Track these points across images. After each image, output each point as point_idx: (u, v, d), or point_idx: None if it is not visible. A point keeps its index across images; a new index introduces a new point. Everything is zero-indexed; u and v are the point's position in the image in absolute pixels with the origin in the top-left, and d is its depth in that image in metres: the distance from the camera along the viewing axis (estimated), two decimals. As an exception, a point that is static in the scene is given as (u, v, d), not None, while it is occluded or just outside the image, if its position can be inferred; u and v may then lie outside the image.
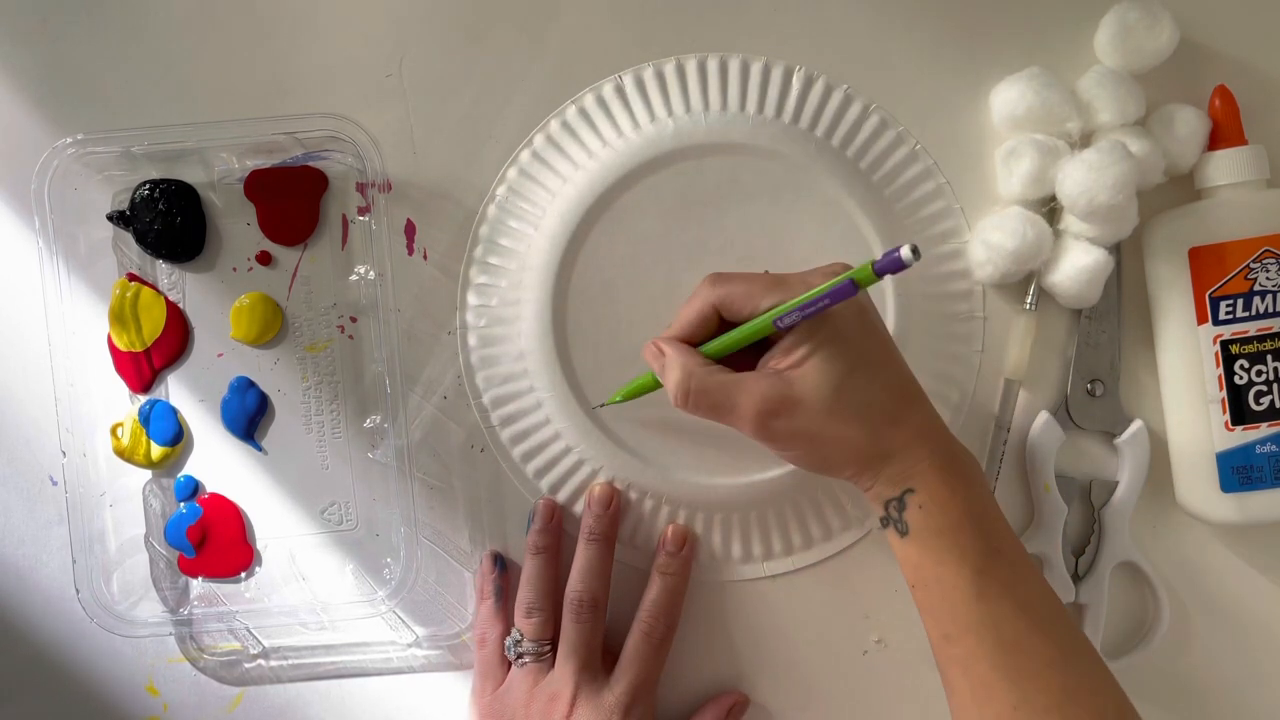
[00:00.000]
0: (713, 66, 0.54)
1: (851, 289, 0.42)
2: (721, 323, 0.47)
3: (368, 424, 0.55)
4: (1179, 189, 0.54)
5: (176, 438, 0.55)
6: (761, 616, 0.55)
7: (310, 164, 0.54)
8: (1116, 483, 0.54)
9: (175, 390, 0.55)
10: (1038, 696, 0.42)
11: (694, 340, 0.47)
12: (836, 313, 0.44)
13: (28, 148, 0.54)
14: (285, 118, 0.54)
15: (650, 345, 0.48)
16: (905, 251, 0.40)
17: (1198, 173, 0.53)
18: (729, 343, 0.46)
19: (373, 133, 0.52)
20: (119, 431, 0.55)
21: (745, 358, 0.46)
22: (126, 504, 0.55)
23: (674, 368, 0.46)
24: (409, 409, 0.55)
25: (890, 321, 0.52)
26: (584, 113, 0.55)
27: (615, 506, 0.53)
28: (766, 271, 0.46)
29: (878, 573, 0.55)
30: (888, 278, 0.51)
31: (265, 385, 0.55)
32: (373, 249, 0.54)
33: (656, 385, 0.49)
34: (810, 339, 0.44)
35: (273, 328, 0.55)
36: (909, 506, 0.44)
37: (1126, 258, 0.54)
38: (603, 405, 0.52)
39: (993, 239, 0.52)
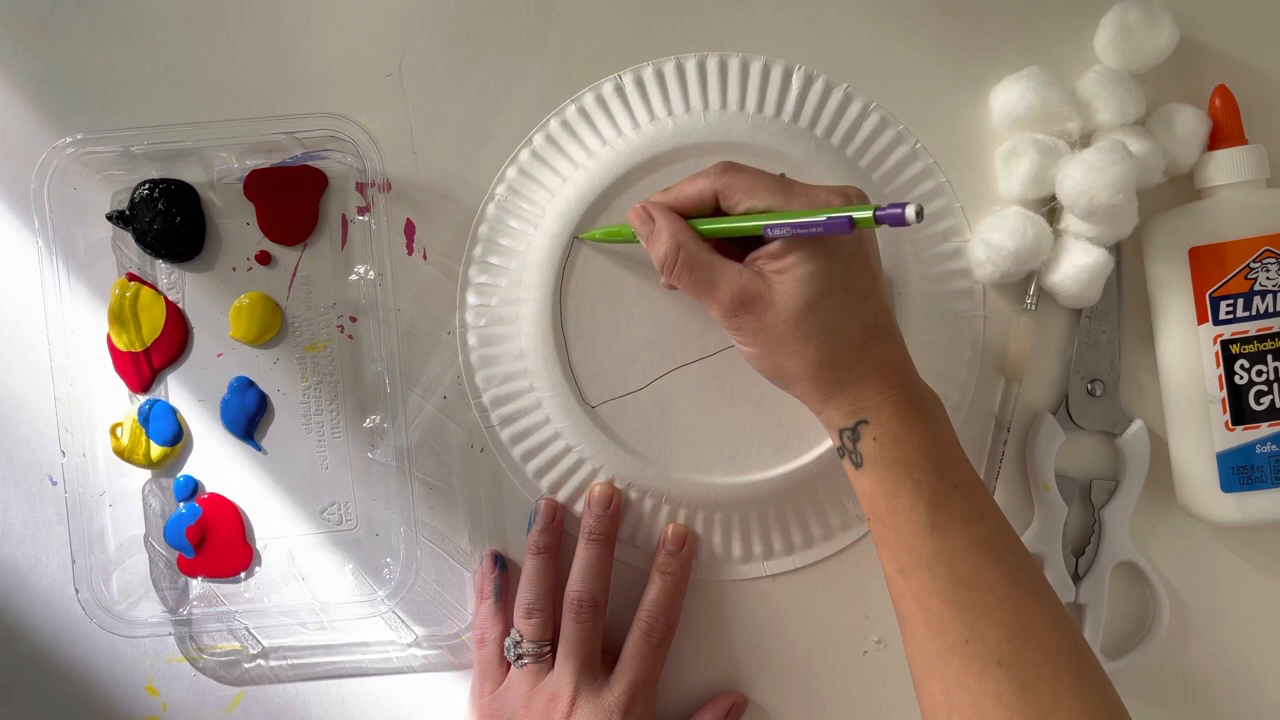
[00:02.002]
0: (712, 66, 0.54)
1: (848, 226, 0.42)
2: (716, 208, 0.46)
3: (367, 424, 0.55)
4: (1179, 189, 0.54)
5: (176, 438, 0.55)
6: (761, 616, 0.55)
7: (310, 164, 0.54)
8: (1116, 483, 0.54)
9: (175, 390, 0.55)
10: (990, 630, 0.41)
11: (683, 215, 0.47)
12: (832, 237, 0.44)
13: (27, 147, 0.54)
14: (285, 117, 0.54)
15: (639, 208, 0.48)
16: (910, 210, 0.40)
17: (1198, 172, 0.53)
18: (719, 228, 0.46)
19: (373, 132, 0.52)
20: (118, 431, 0.55)
21: (728, 248, 0.46)
22: (126, 504, 0.55)
23: (665, 235, 0.46)
24: (409, 409, 0.55)
25: (890, 321, 0.52)
26: (584, 112, 0.55)
27: (615, 506, 0.53)
28: (782, 174, 0.46)
29: (878, 573, 0.55)
30: (892, 275, 0.51)
31: (265, 385, 0.55)
32: (372, 249, 0.54)
33: (632, 240, 0.49)
34: (800, 249, 0.44)
35: (272, 327, 0.55)
36: (863, 438, 0.44)
37: (1126, 258, 0.54)
38: (580, 238, 0.52)
39: (993, 239, 0.52)
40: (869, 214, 0.42)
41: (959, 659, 0.41)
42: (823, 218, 0.42)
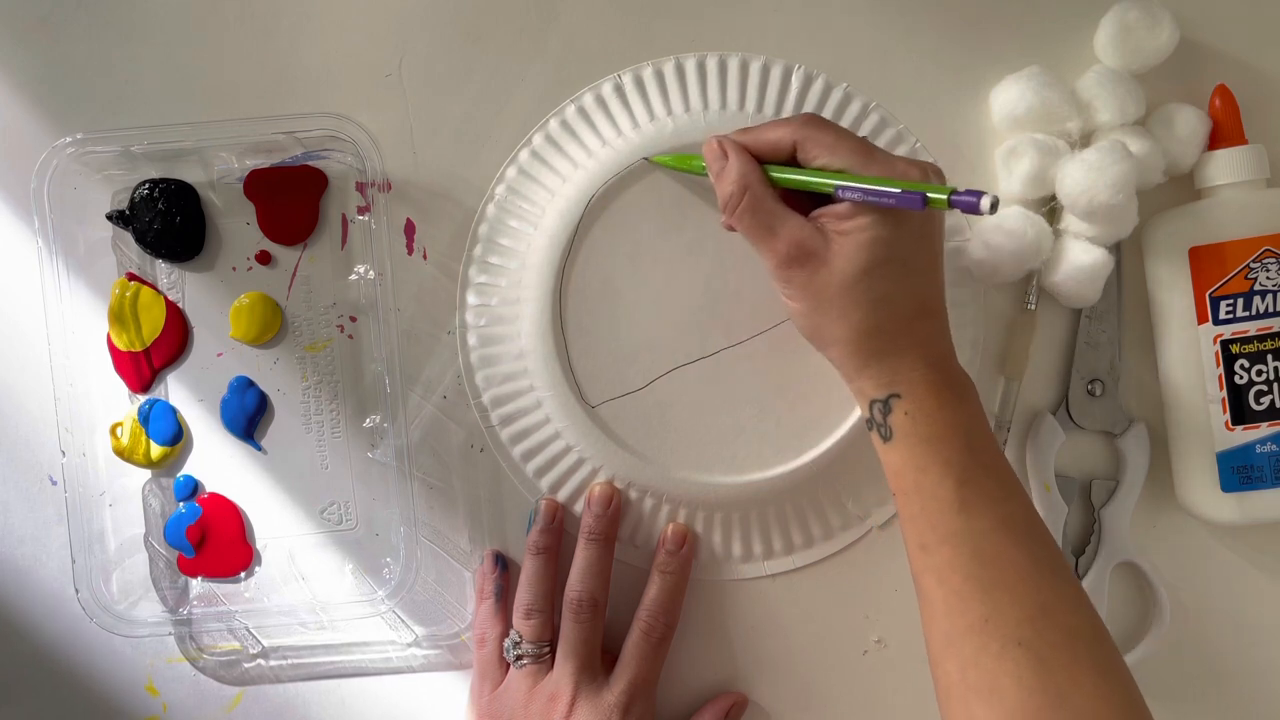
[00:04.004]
0: (712, 65, 0.54)
1: (920, 203, 0.42)
2: (792, 158, 0.46)
3: (367, 424, 0.55)
4: (1179, 189, 0.54)
5: (176, 437, 0.55)
6: (761, 616, 0.55)
7: (310, 163, 0.54)
8: (1116, 483, 0.54)
9: (175, 390, 0.55)
10: (1010, 610, 0.41)
11: (758, 157, 0.46)
12: (902, 211, 0.43)
13: (27, 147, 0.54)
14: (285, 117, 0.54)
15: (714, 142, 0.47)
16: (986, 201, 0.40)
17: (1198, 172, 0.53)
18: (791, 179, 0.45)
19: (372, 132, 0.52)
20: (118, 431, 0.55)
21: (794, 201, 0.46)
22: (126, 504, 0.55)
23: (735, 174, 0.46)
24: (409, 409, 0.55)
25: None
26: (583, 112, 0.55)
27: (615, 506, 0.53)
28: (864, 138, 0.46)
29: (878, 573, 0.55)
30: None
31: (265, 385, 0.55)
32: (372, 248, 0.54)
33: (701, 172, 0.49)
34: (868, 215, 0.43)
35: (272, 327, 0.55)
36: (894, 411, 0.44)
37: (1126, 258, 0.54)
38: (650, 160, 0.52)
39: (993, 239, 0.52)
40: (944, 196, 0.41)
41: (978, 638, 0.41)
42: (897, 190, 0.42)
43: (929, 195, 0.42)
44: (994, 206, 0.40)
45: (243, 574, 0.55)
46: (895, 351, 0.44)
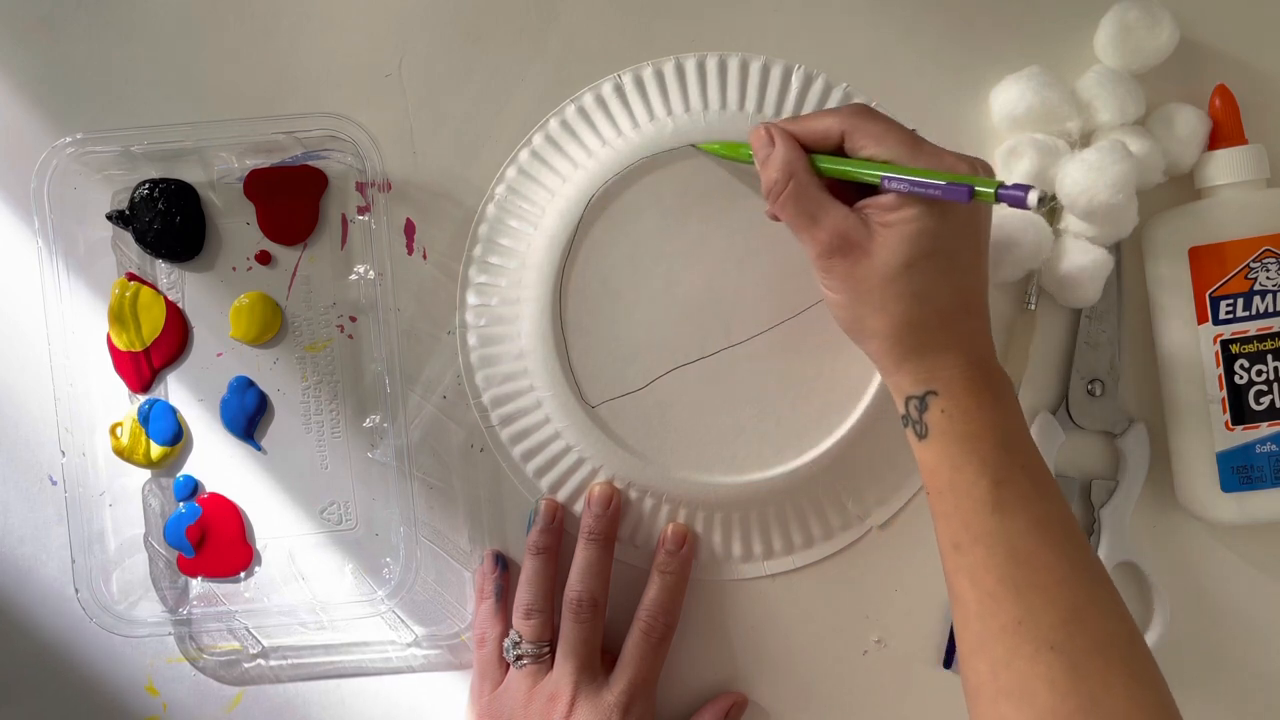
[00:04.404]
0: (712, 66, 0.54)
1: (966, 196, 0.41)
2: (839, 148, 0.46)
3: (367, 424, 0.55)
4: (1179, 189, 0.54)
5: (176, 437, 0.55)
6: (761, 616, 0.55)
7: (310, 163, 0.54)
8: (1116, 483, 0.54)
9: (175, 390, 0.55)
10: (1044, 612, 0.41)
11: (805, 145, 0.46)
12: (949, 204, 0.43)
13: (27, 147, 0.54)
14: (285, 117, 0.54)
15: (762, 129, 0.47)
16: (1033, 196, 0.40)
17: (1198, 172, 0.53)
18: (837, 168, 0.45)
19: (372, 132, 0.52)
20: (118, 431, 0.55)
21: (840, 192, 0.45)
22: (126, 504, 0.55)
23: (781, 160, 0.45)
24: (409, 409, 0.55)
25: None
26: (583, 112, 0.55)
27: (615, 506, 0.53)
28: (914, 130, 0.45)
29: (878, 573, 0.55)
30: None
31: (265, 385, 0.55)
32: (372, 248, 0.54)
33: (748, 160, 0.49)
34: (914, 207, 0.43)
35: (272, 327, 0.55)
36: (930, 408, 0.44)
37: (1126, 258, 0.54)
38: (697, 146, 0.52)
39: (993, 239, 0.52)
40: (991, 189, 0.41)
41: (1011, 640, 0.41)
42: (944, 181, 0.42)
43: (976, 188, 0.41)
44: (1042, 202, 0.40)
45: (243, 574, 0.55)
46: (934, 348, 0.44)
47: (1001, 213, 0.53)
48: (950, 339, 0.44)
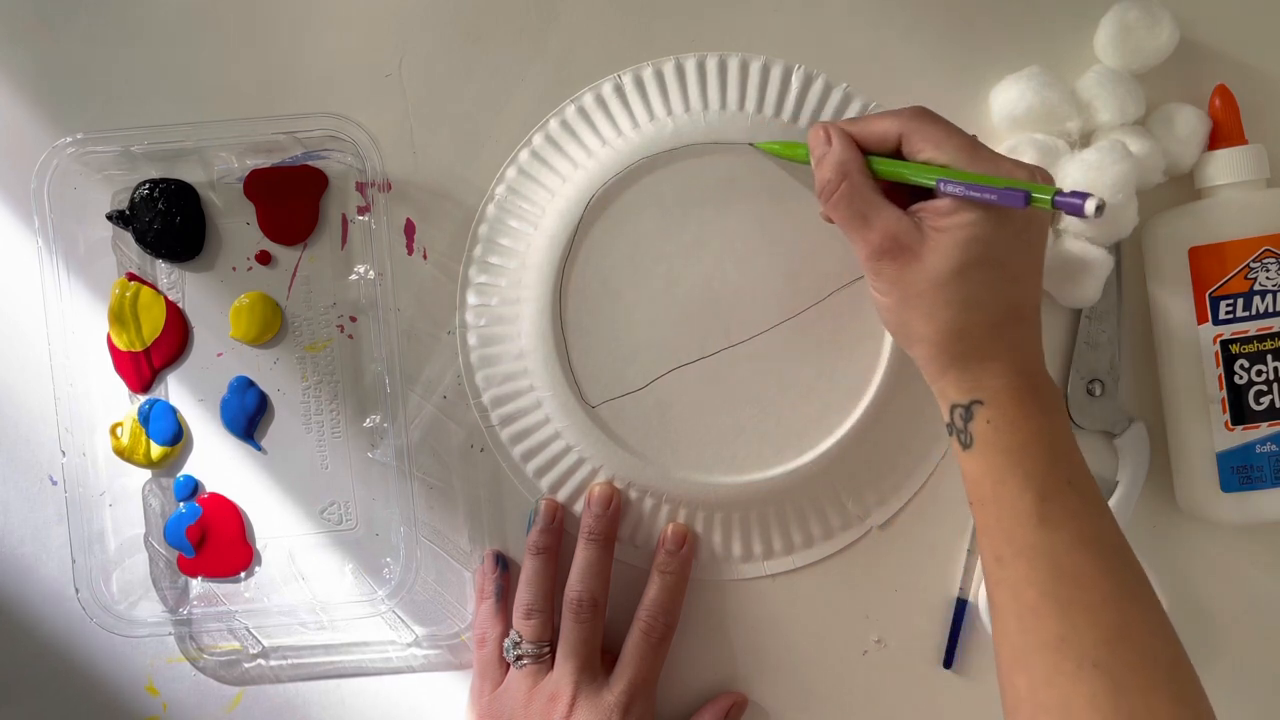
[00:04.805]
0: (712, 66, 0.54)
1: (1021, 202, 0.41)
2: (897, 150, 0.45)
3: (367, 424, 0.55)
4: (1179, 189, 0.54)
5: (176, 437, 0.55)
6: (761, 616, 0.55)
7: (310, 163, 0.54)
8: (1116, 483, 0.54)
9: (175, 390, 0.55)
10: (1088, 630, 0.40)
11: (862, 146, 0.46)
12: (1007, 210, 0.42)
13: (28, 147, 0.54)
14: (285, 117, 0.54)
15: (820, 128, 0.46)
16: (1091, 204, 0.39)
17: (1198, 172, 0.53)
18: (892, 170, 0.45)
19: (372, 132, 0.52)
20: (118, 431, 0.55)
21: (895, 195, 0.45)
22: (126, 504, 0.55)
23: (836, 160, 0.45)
24: (409, 409, 0.55)
25: (890, 321, 0.52)
26: (583, 112, 0.55)
27: (615, 506, 0.53)
28: (974, 136, 0.45)
29: (878, 573, 0.55)
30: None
31: (265, 385, 0.55)
32: (372, 248, 0.54)
33: (804, 160, 0.48)
34: (969, 212, 0.42)
35: (272, 327, 0.55)
36: (976, 418, 0.43)
37: (1126, 258, 0.54)
38: (755, 145, 0.52)
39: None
40: (1048, 196, 0.41)
41: (1052, 656, 0.40)
42: (1000, 185, 0.41)
43: (1032, 194, 0.41)
44: (1099, 210, 0.39)
45: (243, 574, 0.55)
46: (981, 356, 0.43)
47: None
48: (998, 348, 0.43)
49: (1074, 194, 0.40)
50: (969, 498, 0.45)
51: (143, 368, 0.55)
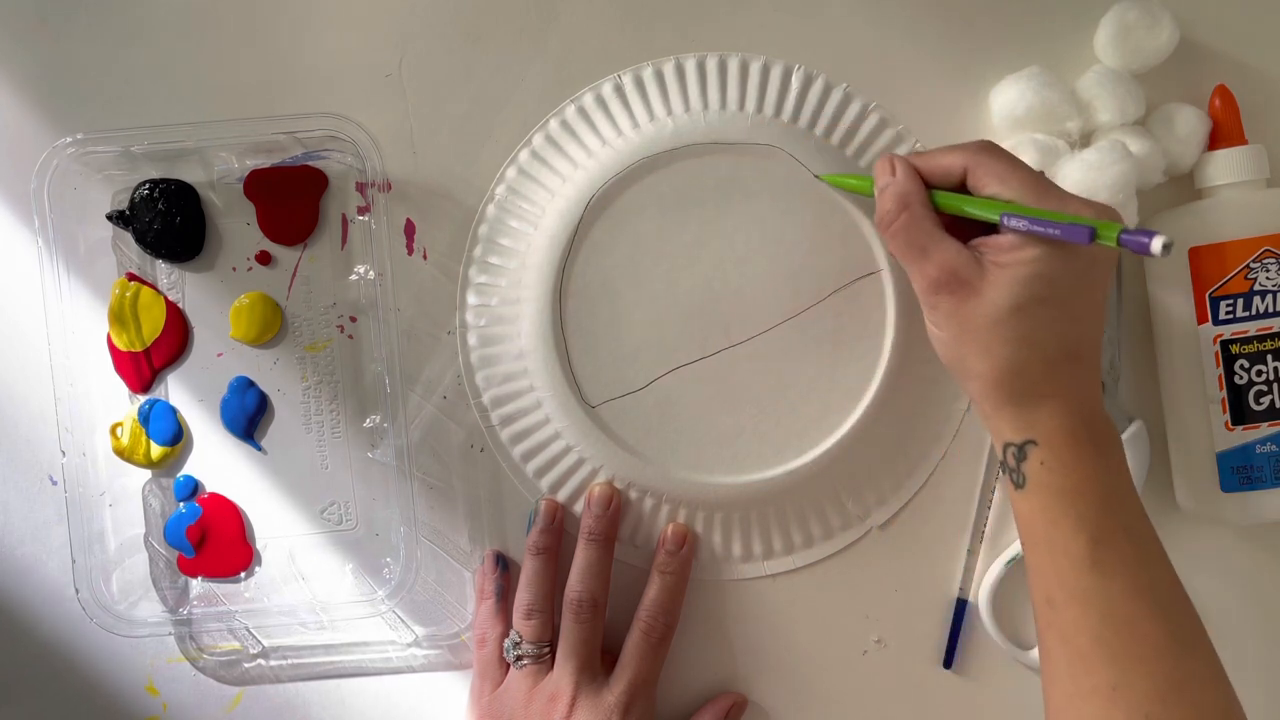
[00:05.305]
0: (712, 66, 0.54)
1: (1086, 238, 0.40)
2: (962, 184, 0.45)
3: (367, 424, 0.55)
4: (1179, 189, 0.54)
5: (176, 437, 0.55)
6: (761, 616, 0.55)
7: (310, 164, 0.54)
8: (1116, 483, 0.54)
9: (175, 390, 0.55)
10: (1141, 681, 0.40)
11: (926, 179, 0.45)
12: (1069, 248, 0.41)
13: (28, 147, 0.54)
14: (285, 117, 0.54)
15: (887, 159, 0.46)
16: (1157, 243, 0.39)
17: (1198, 172, 0.53)
18: (956, 204, 0.44)
19: (372, 132, 0.52)
20: (118, 431, 0.55)
21: (957, 230, 0.44)
22: (126, 504, 0.55)
23: (897, 192, 0.45)
24: (409, 409, 0.55)
25: (890, 321, 0.52)
26: (583, 112, 0.55)
27: (615, 506, 0.53)
28: (1041, 173, 0.44)
29: (878, 573, 0.55)
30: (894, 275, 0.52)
31: (265, 385, 0.55)
32: (372, 249, 0.54)
33: (868, 193, 0.48)
34: (1032, 249, 0.41)
35: (272, 327, 0.55)
36: (1029, 458, 0.43)
37: (1126, 258, 0.54)
38: (820, 177, 0.51)
39: (993, 239, 0.52)
40: (1113, 233, 0.40)
41: (1103, 704, 0.40)
42: (1065, 220, 0.41)
43: (1098, 231, 0.40)
44: (1167, 249, 0.38)
45: (243, 574, 0.55)
46: (1036, 396, 0.43)
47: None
48: (1054, 388, 0.43)
49: (1140, 231, 0.39)
50: (1020, 537, 0.44)
51: (143, 368, 0.55)
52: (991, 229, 0.44)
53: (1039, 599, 0.43)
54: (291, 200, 0.54)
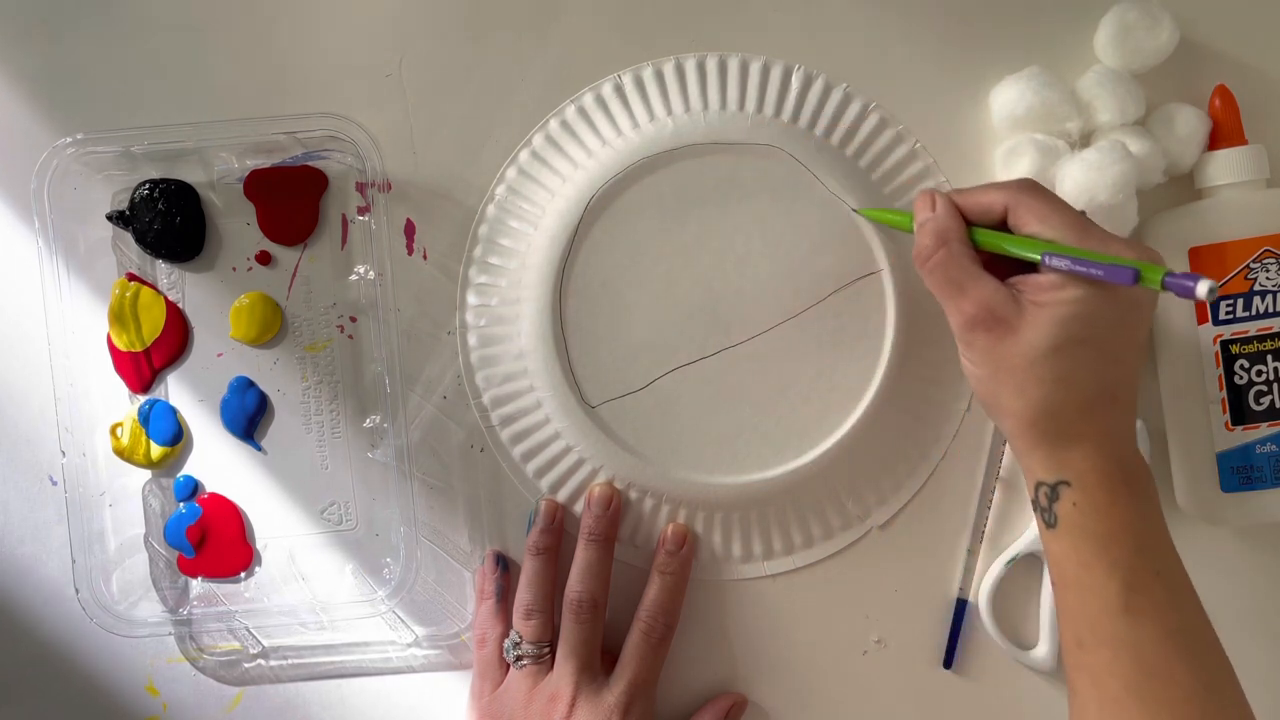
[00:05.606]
0: (712, 66, 0.54)
1: (1130, 279, 0.40)
2: (1002, 222, 0.45)
3: (367, 424, 0.55)
4: (1179, 189, 0.54)
5: (176, 437, 0.55)
6: (761, 616, 0.55)
7: (310, 164, 0.54)
8: (1116, 483, 0.54)
9: (175, 390, 0.55)
10: None
11: (966, 216, 0.45)
12: (1110, 290, 0.41)
13: (28, 148, 0.54)
14: (285, 117, 0.54)
15: (927, 194, 0.46)
16: (1203, 288, 0.38)
17: (1198, 172, 0.53)
18: (997, 242, 0.44)
19: (372, 133, 0.52)
20: (119, 431, 0.55)
21: (995, 268, 0.44)
22: (126, 504, 0.55)
23: (936, 227, 0.44)
24: (409, 409, 0.55)
25: (890, 321, 0.52)
26: (583, 112, 0.55)
27: (615, 507, 0.53)
28: (1084, 212, 0.44)
29: (878, 573, 0.55)
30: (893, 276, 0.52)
31: (265, 385, 0.55)
32: (372, 249, 0.54)
33: (908, 228, 0.48)
34: (1073, 289, 0.41)
35: (272, 327, 0.55)
36: (1061, 499, 0.42)
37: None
38: (858, 211, 0.51)
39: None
40: (1158, 275, 0.40)
41: None
42: (1107, 261, 0.40)
43: (1142, 271, 0.40)
44: (1212, 293, 0.38)
45: (243, 574, 0.55)
46: (1070, 437, 0.42)
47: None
48: (1089, 429, 0.42)
49: (1185, 275, 0.39)
50: (1050, 575, 0.44)
51: (143, 368, 0.55)
52: (1029, 268, 0.43)
53: (1069, 640, 0.43)
54: (291, 200, 0.54)
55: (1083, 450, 0.42)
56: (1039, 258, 0.42)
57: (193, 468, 0.55)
